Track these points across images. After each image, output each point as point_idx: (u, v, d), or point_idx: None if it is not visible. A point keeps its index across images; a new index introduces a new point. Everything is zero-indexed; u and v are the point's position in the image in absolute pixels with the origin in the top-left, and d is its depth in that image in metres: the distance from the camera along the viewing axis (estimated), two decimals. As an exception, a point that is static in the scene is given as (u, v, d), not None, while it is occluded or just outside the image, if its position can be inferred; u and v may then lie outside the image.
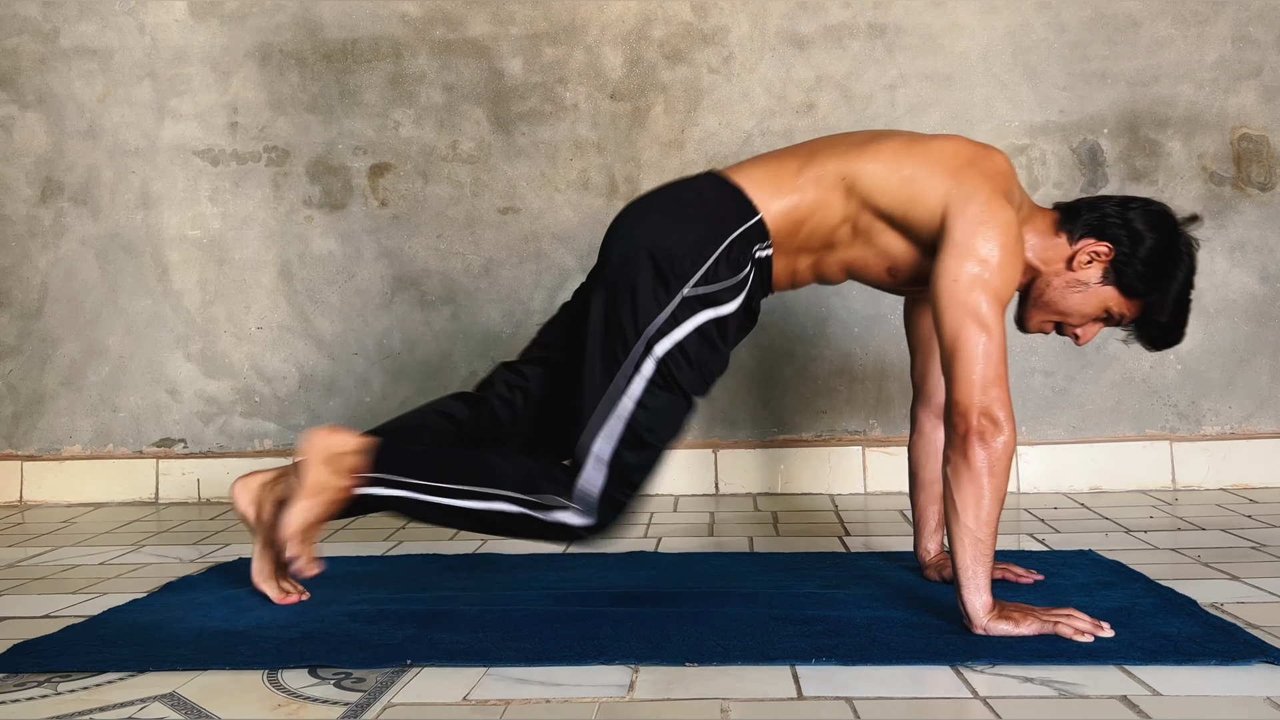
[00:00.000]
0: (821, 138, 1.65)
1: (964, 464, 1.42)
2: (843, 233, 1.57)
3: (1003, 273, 1.45)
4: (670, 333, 1.49)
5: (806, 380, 2.71)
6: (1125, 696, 1.21)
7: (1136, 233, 1.53)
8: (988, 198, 1.47)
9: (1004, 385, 1.42)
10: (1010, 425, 1.42)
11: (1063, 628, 1.39)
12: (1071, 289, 1.57)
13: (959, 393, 1.42)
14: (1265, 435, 2.63)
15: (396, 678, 1.33)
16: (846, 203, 1.54)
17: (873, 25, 2.69)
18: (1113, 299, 1.56)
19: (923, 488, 1.77)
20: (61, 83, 2.83)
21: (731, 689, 1.27)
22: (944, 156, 1.52)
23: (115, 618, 1.64)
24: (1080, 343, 1.63)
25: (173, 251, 2.81)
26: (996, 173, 1.52)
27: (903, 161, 1.53)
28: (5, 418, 2.85)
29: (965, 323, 1.43)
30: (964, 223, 1.46)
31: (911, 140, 1.56)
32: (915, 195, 1.51)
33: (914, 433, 1.78)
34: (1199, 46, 2.64)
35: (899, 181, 1.52)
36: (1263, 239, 2.64)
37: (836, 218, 1.55)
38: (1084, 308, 1.58)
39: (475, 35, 2.75)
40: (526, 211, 2.75)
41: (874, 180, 1.53)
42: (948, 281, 1.45)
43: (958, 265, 1.45)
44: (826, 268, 1.62)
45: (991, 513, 1.42)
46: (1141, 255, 1.53)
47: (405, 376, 2.78)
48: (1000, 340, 1.43)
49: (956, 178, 1.49)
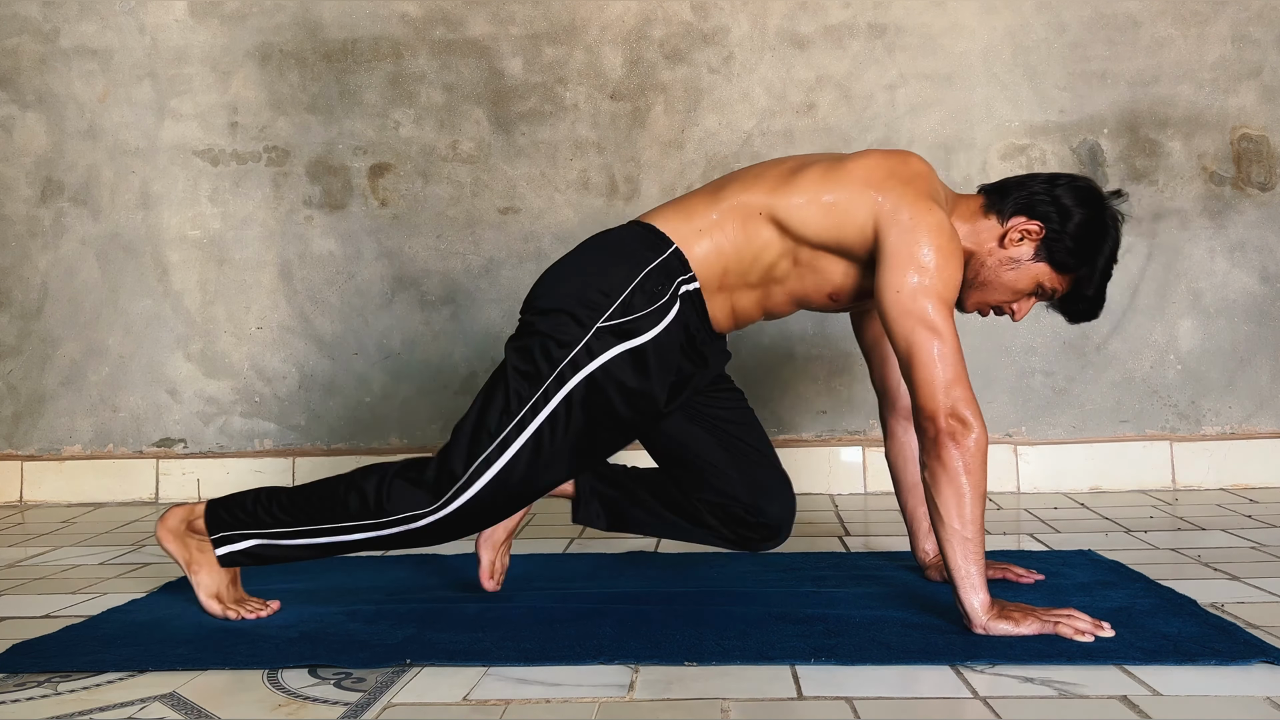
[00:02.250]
0: (738, 171, 1.66)
1: (940, 467, 1.43)
2: (783, 267, 1.58)
3: (942, 274, 1.46)
4: (584, 365, 1.49)
5: (806, 380, 2.71)
6: (1125, 696, 1.21)
7: (1065, 209, 1.54)
8: (914, 203, 1.48)
9: (965, 384, 1.43)
10: (979, 422, 1.43)
11: (1063, 628, 1.39)
12: (1004, 266, 1.58)
13: (922, 398, 1.44)
14: (1265, 435, 2.63)
15: (396, 678, 1.33)
16: (781, 239, 1.55)
17: (873, 25, 2.69)
18: (1045, 274, 1.57)
19: (908, 491, 1.78)
20: (61, 83, 2.83)
21: (731, 689, 1.27)
22: (861, 174, 1.53)
23: (115, 618, 1.64)
24: (1016, 318, 1.64)
25: (173, 251, 2.81)
26: (916, 176, 1.53)
27: (822, 188, 1.53)
28: (5, 418, 2.85)
29: (915, 329, 1.44)
30: (896, 233, 1.48)
31: (829, 165, 1.57)
32: (841, 220, 1.52)
33: (887, 439, 1.79)
34: (1199, 46, 2.64)
35: (822, 209, 1.53)
36: (1263, 239, 2.64)
37: (773, 253, 1.56)
38: (1017, 284, 1.59)
39: (475, 35, 2.75)
40: (526, 211, 2.75)
41: (800, 214, 1.53)
42: (891, 294, 1.46)
43: (898, 276, 1.46)
44: (772, 301, 1.62)
45: (974, 511, 1.42)
46: (1071, 230, 1.54)
47: (405, 376, 2.78)
48: (953, 341, 1.44)
49: (879, 190, 1.50)
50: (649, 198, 2.70)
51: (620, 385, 1.50)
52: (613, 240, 1.60)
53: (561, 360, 1.48)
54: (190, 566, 1.62)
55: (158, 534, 1.64)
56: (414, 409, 2.78)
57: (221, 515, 1.60)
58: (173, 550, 1.63)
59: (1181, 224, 2.65)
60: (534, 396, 1.48)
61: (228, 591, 1.62)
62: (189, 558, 1.62)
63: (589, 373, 1.49)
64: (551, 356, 1.49)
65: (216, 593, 1.61)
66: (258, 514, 1.57)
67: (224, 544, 1.60)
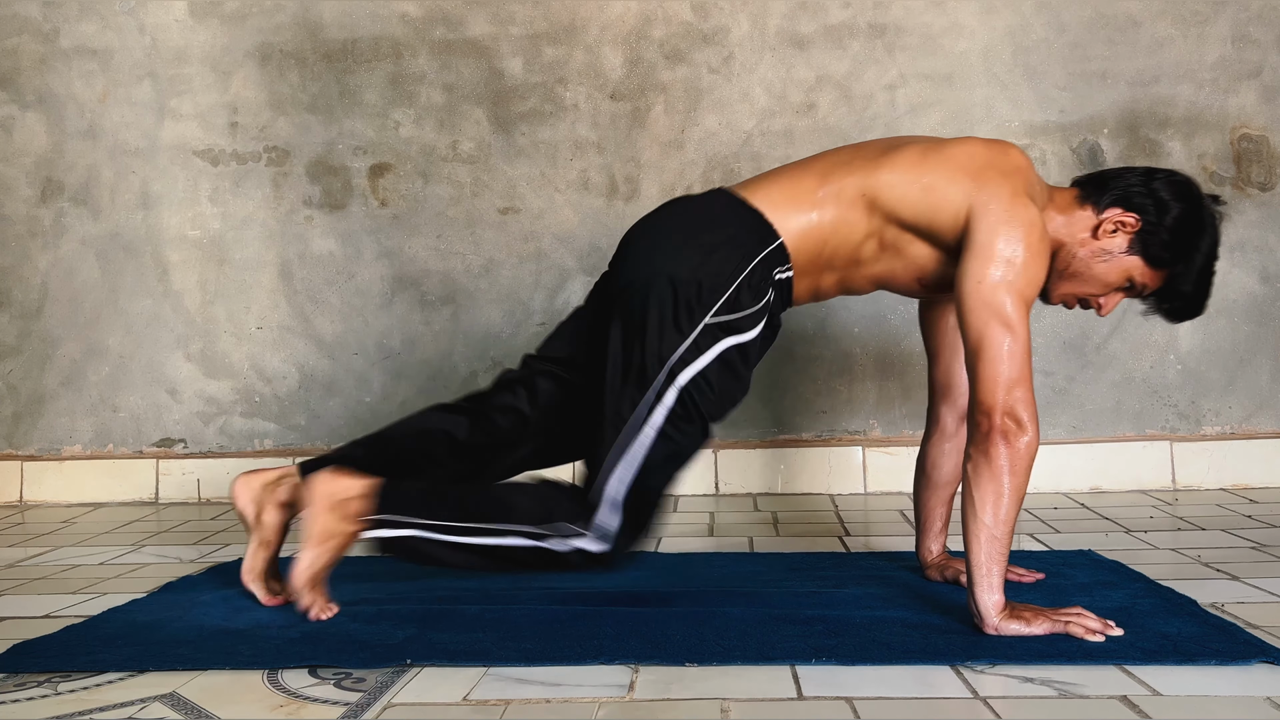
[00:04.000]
0: (834, 150, 1.64)
1: (985, 462, 1.42)
2: (869, 248, 1.57)
3: (1027, 273, 1.45)
4: (693, 361, 1.48)
5: (806, 380, 2.71)
6: (1125, 696, 1.21)
7: (1163, 202, 1.52)
8: (1010, 197, 1.47)
9: (1028, 386, 1.43)
10: (1034, 426, 1.42)
11: (1074, 627, 1.39)
12: (1096, 258, 1.56)
13: (983, 392, 1.43)
14: (1265, 435, 2.63)
15: (396, 678, 1.33)
16: (869, 219, 1.54)
17: (873, 25, 2.69)
18: (1137, 268, 1.56)
19: (934, 488, 1.77)
20: (61, 83, 2.83)
21: (731, 689, 1.27)
22: (961, 160, 1.52)
23: (115, 618, 1.64)
24: (1103, 313, 1.63)
25: (173, 251, 2.81)
26: (1014, 169, 1.51)
27: (921, 170, 1.52)
28: (5, 418, 2.85)
29: (990, 323, 1.43)
30: (987, 224, 1.46)
31: (928, 148, 1.56)
32: (937, 203, 1.51)
33: (934, 431, 1.77)
34: (1199, 46, 2.64)
35: (919, 191, 1.51)
36: (1263, 239, 2.64)
37: (860, 234, 1.55)
38: (1108, 276, 1.57)
39: (475, 35, 2.75)
40: (526, 211, 2.75)
41: (894, 193, 1.52)
42: (972, 284, 1.45)
43: (981, 267, 1.45)
44: (854, 282, 1.62)
45: (1010, 512, 1.42)
46: (1168, 224, 1.52)
47: (405, 376, 2.78)
48: (1025, 341, 1.43)
49: (976, 180, 1.49)
50: (649, 198, 2.70)
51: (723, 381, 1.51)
52: (719, 220, 1.56)
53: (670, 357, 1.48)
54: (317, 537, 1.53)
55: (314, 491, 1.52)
56: (414, 409, 2.75)
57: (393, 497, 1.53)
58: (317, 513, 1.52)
59: (1181, 224, 2.65)
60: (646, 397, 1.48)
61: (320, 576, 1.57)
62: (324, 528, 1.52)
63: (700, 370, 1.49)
64: (661, 355, 1.48)
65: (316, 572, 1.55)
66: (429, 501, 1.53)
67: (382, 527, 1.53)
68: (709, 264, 1.50)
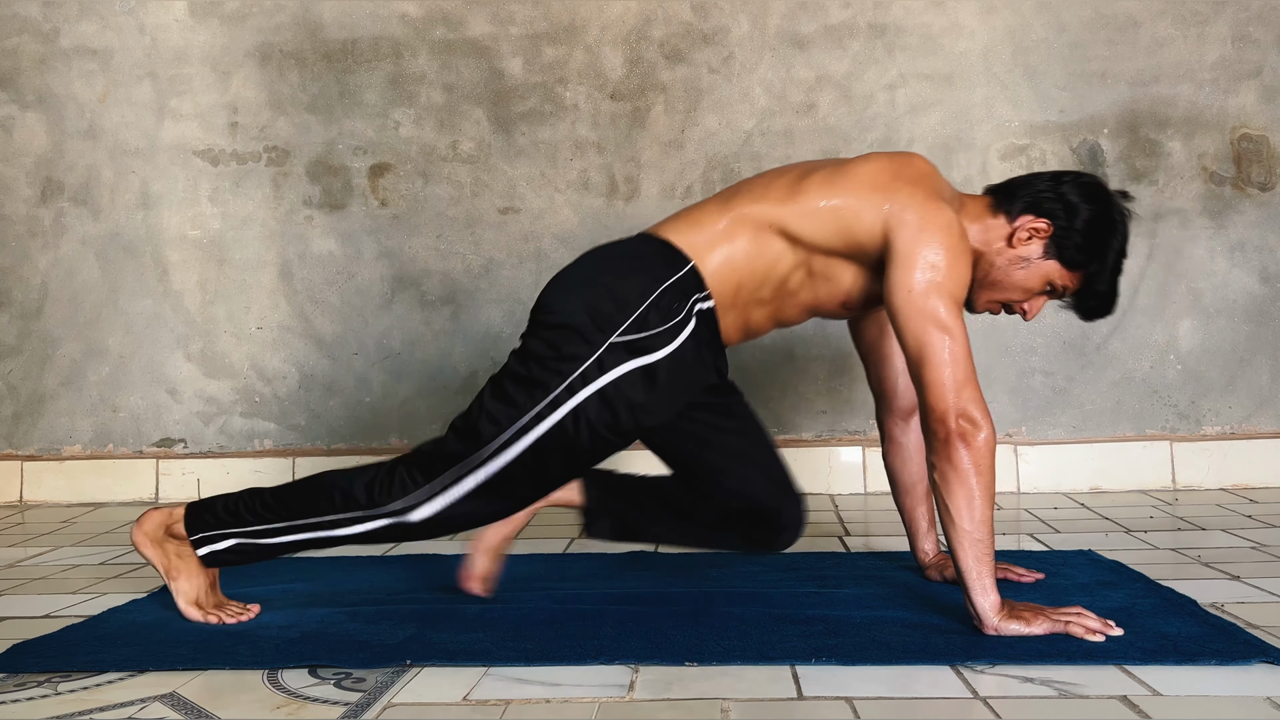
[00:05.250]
0: (741, 182, 1.64)
1: (950, 468, 1.42)
2: (797, 278, 1.57)
3: (953, 273, 1.46)
4: (595, 379, 1.47)
5: (806, 380, 2.71)
6: (1125, 696, 1.21)
7: (1072, 205, 1.54)
8: (921, 203, 1.48)
9: (975, 384, 1.44)
10: (988, 421, 1.42)
11: (1074, 627, 1.39)
12: (1014, 265, 1.57)
13: (932, 399, 1.43)
14: (1265, 435, 2.63)
15: (396, 678, 1.33)
16: (793, 250, 1.54)
17: (873, 25, 2.69)
18: (1055, 272, 1.57)
19: (905, 492, 1.79)
20: (61, 83, 2.83)
21: (731, 689, 1.27)
22: (866, 177, 1.53)
23: (115, 618, 1.64)
24: (1028, 318, 1.64)
25: (173, 251, 2.81)
26: (921, 176, 1.53)
27: (828, 194, 1.53)
28: (5, 418, 2.85)
29: (927, 329, 1.44)
30: (905, 233, 1.47)
31: (833, 172, 1.56)
32: (850, 223, 1.51)
33: (885, 441, 1.79)
34: (1199, 46, 2.64)
35: (830, 214, 1.52)
36: (1263, 239, 2.64)
37: (786, 265, 1.55)
38: (1028, 282, 1.58)
39: (475, 35, 2.75)
40: (526, 211, 2.75)
41: (809, 223, 1.53)
42: (903, 294, 1.46)
43: (908, 276, 1.45)
44: (786, 313, 1.62)
45: (985, 512, 1.42)
46: (1079, 226, 1.54)
47: (405, 376, 2.78)
48: (963, 341, 1.44)
49: (886, 192, 1.50)
50: (649, 198, 2.70)
51: (629, 401, 1.48)
52: (628, 251, 1.58)
53: (572, 373, 1.47)
54: (169, 573, 1.60)
55: (134, 539, 1.61)
56: (414, 409, 2.78)
57: (202, 516, 1.59)
58: (150, 556, 1.61)
59: (1182, 224, 2.65)
60: (539, 406, 1.47)
61: (207, 597, 1.61)
62: (167, 564, 1.60)
63: (599, 388, 1.47)
64: (561, 369, 1.47)
65: (196, 599, 1.60)
66: (239, 512, 1.57)
67: (205, 544, 1.58)
68: (619, 288, 1.51)
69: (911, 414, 1.76)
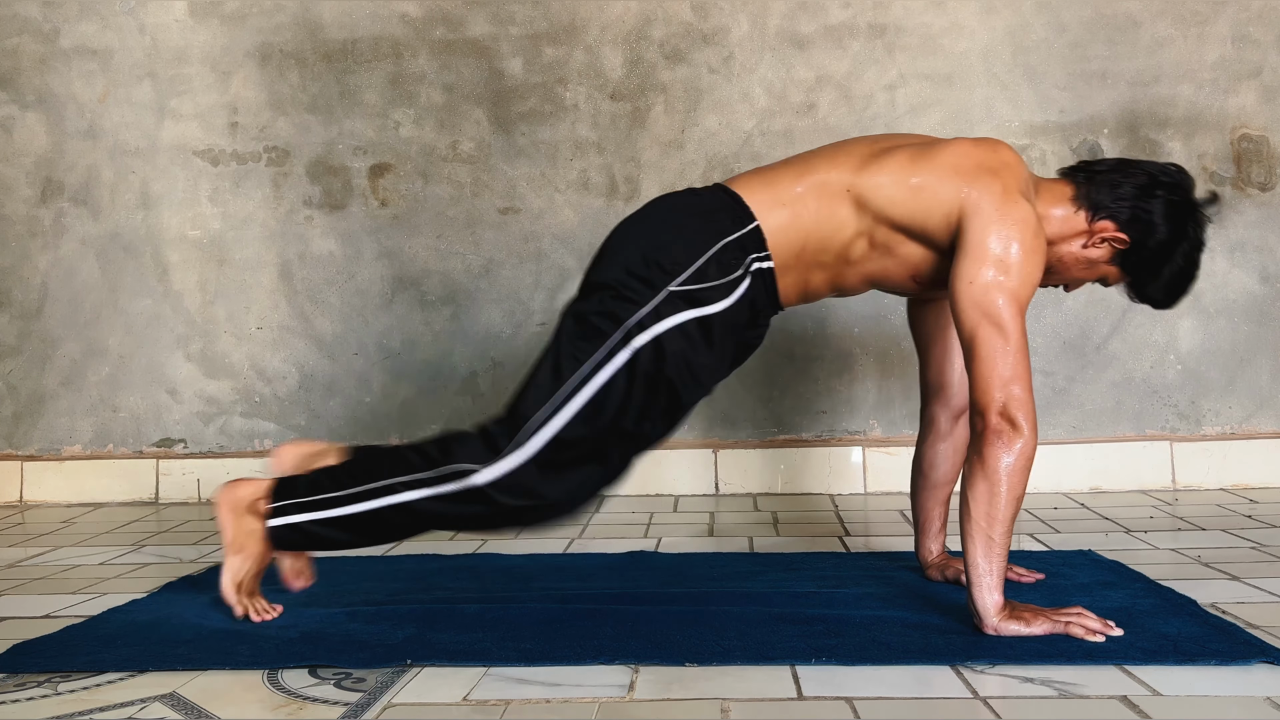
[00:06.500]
0: (825, 146, 1.63)
1: (979, 462, 1.42)
2: (859, 247, 1.56)
3: (1021, 272, 1.45)
4: (651, 326, 1.46)
5: (806, 380, 2.71)
6: (1125, 696, 1.21)
7: (1152, 225, 1.53)
8: (1001, 195, 1.47)
9: (1025, 385, 1.42)
10: (1031, 428, 1.41)
11: (1074, 628, 1.39)
12: (1080, 264, 1.59)
13: (978, 392, 1.43)
14: (1265, 435, 2.63)
15: (396, 678, 1.33)
16: (859, 217, 1.53)
17: (873, 25, 2.69)
18: (1112, 274, 1.60)
19: (931, 489, 1.77)
20: (61, 83, 2.83)
21: (731, 689, 1.27)
22: (952, 160, 1.52)
23: (115, 618, 1.64)
24: (1068, 291, 1.69)
25: (173, 251, 2.81)
26: (1004, 167, 1.51)
27: (911, 171, 1.52)
28: (5, 418, 2.85)
29: (981, 323, 1.43)
30: (979, 224, 1.46)
31: (919, 149, 1.55)
32: (928, 204, 1.50)
33: (930, 432, 1.76)
34: (1199, 46, 2.64)
35: (909, 192, 1.51)
36: (1263, 239, 2.64)
37: (848, 232, 1.54)
38: (1085, 276, 1.61)
39: (475, 35, 2.75)
40: (526, 211, 2.75)
41: (884, 194, 1.52)
42: (964, 284, 1.45)
43: (973, 267, 1.45)
44: (846, 280, 1.61)
45: (1005, 512, 1.41)
46: (1151, 246, 1.54)
47: (405, 376, 2.78)
48: (1019, 341, 1.43)
49: (968, 180, 1.49)
50: (649, 198, 2.68)
51: (683, 352, 1.47)
52: (697, 203, 1.57)
53: (628, 319, 1.46)
54: (232, 545, 1.60)
55: (218, 500, 1.60)
56: (414, 409, 2.78)
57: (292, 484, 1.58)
58: (224, 522, 1.60)
59: (1181, 224, 2.65)
60: (596, 354, 1.46)
61: (249, 583, 1.61)
62: (235, 536, 1.59)
63: (656, 335, 1.46)
64: (618, 315, 1.46)
65: (240, 580, 1.60)
66: (319, 480, 1.55)
67: (281, 515, 1.57)
68: (681, 236, 1.51)
69: (963, 412, 1.74)
